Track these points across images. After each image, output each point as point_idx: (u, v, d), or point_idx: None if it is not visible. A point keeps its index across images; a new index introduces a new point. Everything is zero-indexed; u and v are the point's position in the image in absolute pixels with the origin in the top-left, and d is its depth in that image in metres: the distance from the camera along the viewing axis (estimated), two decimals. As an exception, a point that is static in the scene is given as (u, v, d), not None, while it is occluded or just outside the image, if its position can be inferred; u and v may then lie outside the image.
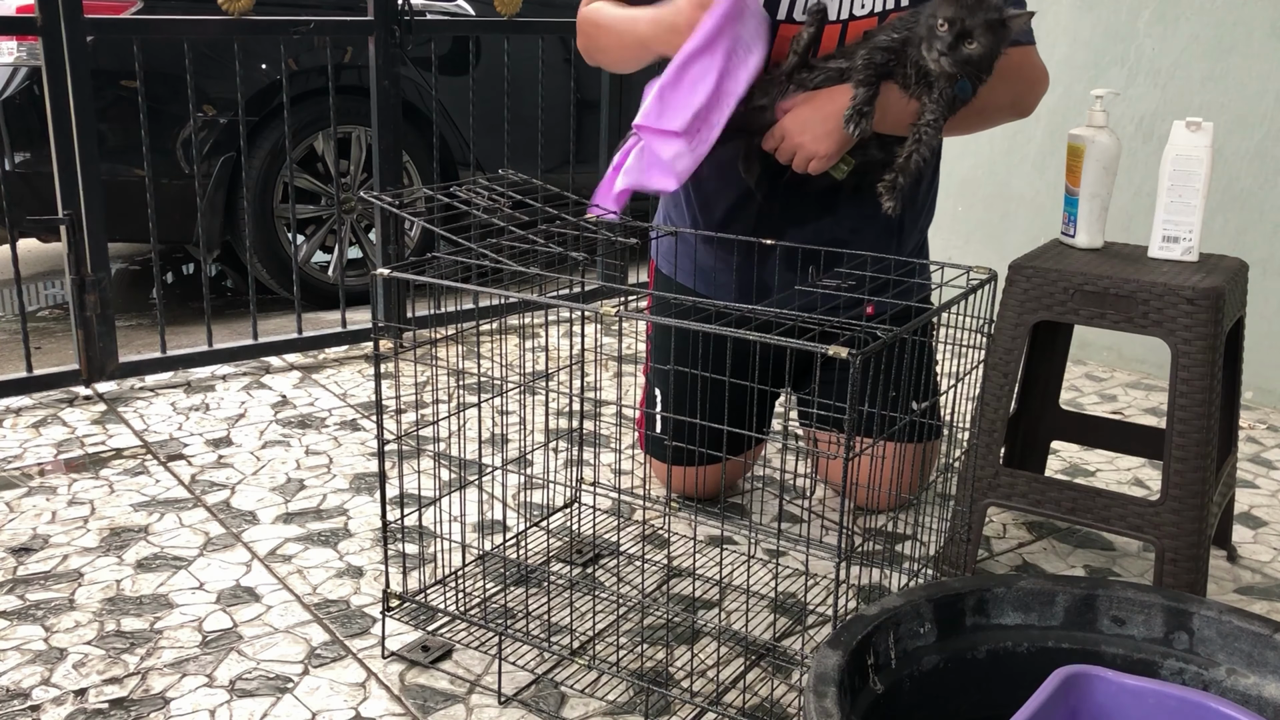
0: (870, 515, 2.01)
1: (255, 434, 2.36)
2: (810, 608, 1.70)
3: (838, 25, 1.73)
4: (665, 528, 1.95)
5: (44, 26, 2.39)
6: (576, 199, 1.70)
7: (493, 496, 2.06)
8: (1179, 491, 1.56)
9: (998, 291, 1.54)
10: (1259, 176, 2.60)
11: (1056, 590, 1.17)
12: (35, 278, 4.11)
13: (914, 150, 1.62)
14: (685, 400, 1.91)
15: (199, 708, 1.44)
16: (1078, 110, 2.87)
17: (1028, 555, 1.91)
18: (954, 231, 3.23)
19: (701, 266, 1.95)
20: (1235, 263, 1.69)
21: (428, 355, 2.61)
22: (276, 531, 1.92)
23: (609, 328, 2.95)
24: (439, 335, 1.73)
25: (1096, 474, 2.23)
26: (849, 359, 1.17)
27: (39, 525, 1.93)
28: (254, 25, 2.67)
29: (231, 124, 3.28)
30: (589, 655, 1.54)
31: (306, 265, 3.56)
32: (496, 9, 3.01)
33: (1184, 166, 1.65)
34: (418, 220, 1.58)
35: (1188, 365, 1.54)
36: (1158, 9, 2.74)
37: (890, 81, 1.63)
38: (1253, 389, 2.60)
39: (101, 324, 2.57)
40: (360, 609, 1.68)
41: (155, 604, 1.69)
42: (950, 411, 1.53)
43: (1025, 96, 1.79)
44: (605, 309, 1.35)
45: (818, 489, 2.14)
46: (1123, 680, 1.03)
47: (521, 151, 3.44)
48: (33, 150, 3.19)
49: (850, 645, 1.04)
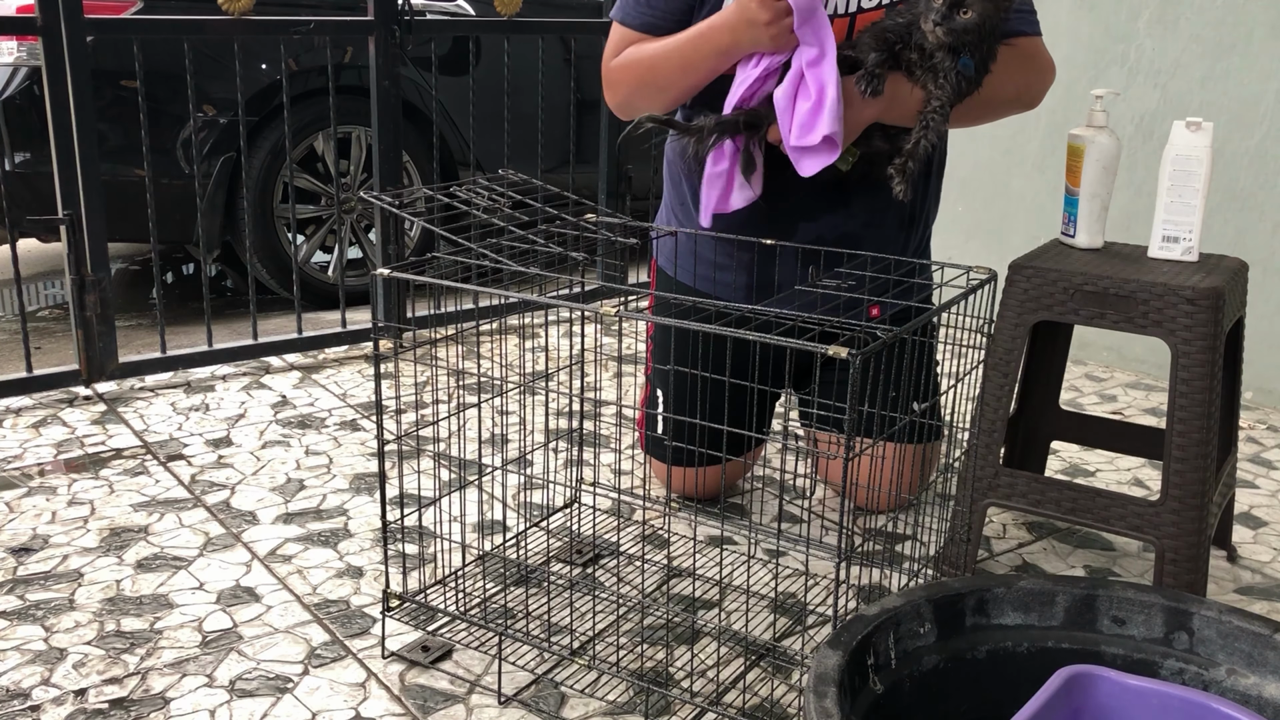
0: (870, 515, 2.01)
1: (255, 434, 2.36)
2: (810, 608, 1.70)
3: (845, 18, 1.73)
4: (665, 528, 1.95)
5: (44, 26, 2.39)
6: (576, 199, 1.70)
7: (493, 496, 2.06)
8: (1179, 491, 1.56)
9: (998, 291, 1.54)
10: (1259, 176, 2.60)
11: (1056, 590, 1.17)
12: (35, 278, 4.11)
13: (922, 136, 1.64)
14: (686, 400, 1.91)
15: (199, 708, 1.44)
16: (1078, 110, 2.87)
17: (1028, 555, 1.91)
18: (954, 231, 3.23)
19: (703, 265, 1.95)
20: (1235, 263, 1.69)
21: (428, 355, 2.61)
22: (276, 531, 1.92)
23: (609, 328, 2.95)
24: (439, 335, 1.73)
25: (1096, 474, 2.23)
26: (849, 359, 1.17)
27: (39, 525, 1.93)
28: (254, 25, 2.66)
29: (231, 124, 3.27)
30: (589, 655, 1.54)
31: (306, 265, 3.56)
32: (496, 9, 3.01)
33: (1184, 166, 1.65)
34: (418, 220, 1.58)
35: (1188, 365, 1.54)
36: (1158, 9, 2.74)
37: (897, 72, 1.64)
38: (1253, 389, 2.60)
39: (101, 324, 2.57)
40: (360, 609, 1.68)
41: (155, 604, 1.69)
42: (950, 412, 1.53)
43: (1033, 86, 1.79)
44: (605, 309, 1.35)
45: (818, 489, 2.13)
46: (1126, 681, 1.03)
47: (521, 151, 3.44)
48: (33, 150, 3.19)
49: (850, 645, 1.04)
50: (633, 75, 1.80)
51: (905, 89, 1.65)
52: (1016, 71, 1.73)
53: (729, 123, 1.69)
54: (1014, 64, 1.71)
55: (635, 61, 1.78)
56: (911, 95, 1.65)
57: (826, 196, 1.83)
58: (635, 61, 1.78)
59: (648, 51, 1.77)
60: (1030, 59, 1.76)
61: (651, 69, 1.77)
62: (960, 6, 1.55)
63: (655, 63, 1.76)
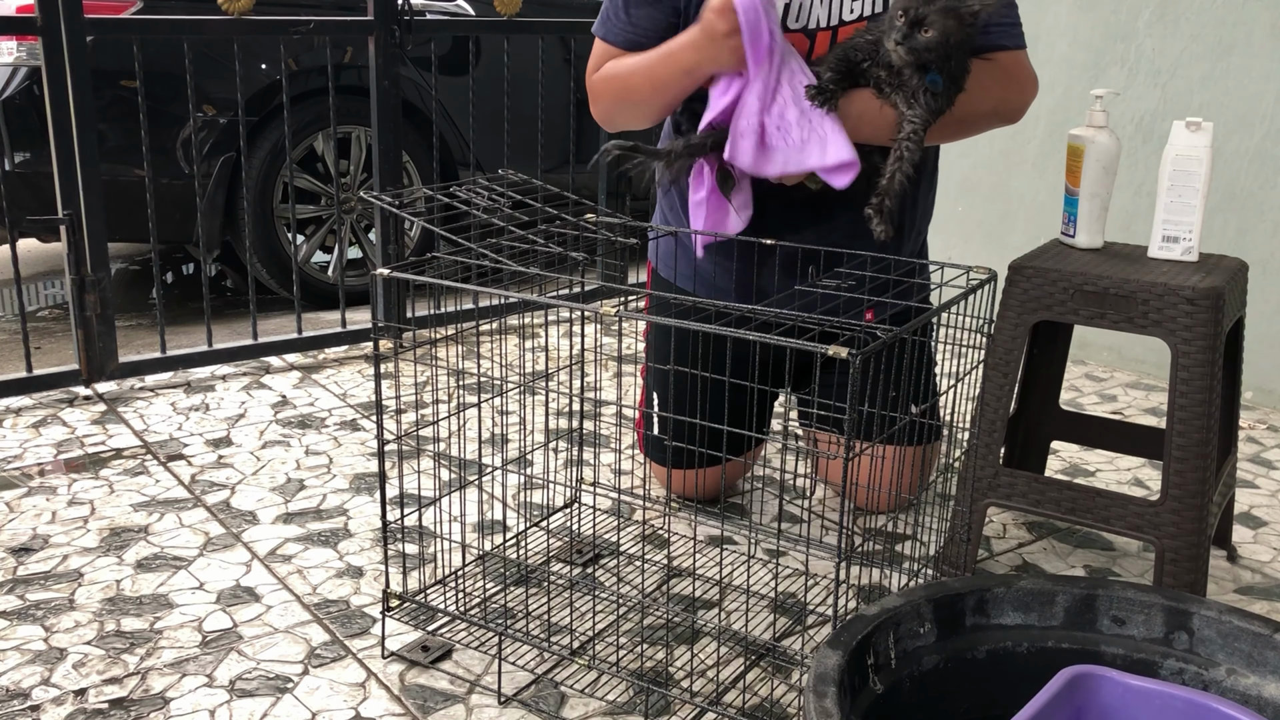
0: (870, 516, 2.01)
1: (255, 434, 2.36)
2: (810, 608, 1.70)
3: (828, 31, 1.73)
4: (665, 528, 1.95)
5: (44, 26, 2.39)
6: (576, 199, 1.70)
7: (493, 496, 2.06)
8: (1179, 491, 1.56)
9: (998, 291, 1.54)
10: (1259, 176, 2.60)
11: (1056, 590, 1.17)
12: (35, 278, 4.11)
13: (896, 169, 1.61)
14: (684, 401, 1.91)
15: (199, 708, 1.44)
16: (1078, 110, 2.87)
17: (1028, 555, 1.91)
18: (954, 231, 3.23)
19: (700, 269, 1.95)
20: (1235, 263, 1.69)
21: (428, 355, 2.61)
22: (276, 531, 1.92)
23: (609, 328, 2.95)
24: (439, 335, 1.73)
25: (1096, 474, 2.23)
26: (849, 359, 1.17)
27: (39, 525, 1.93)
28: (254, 25, 2.66)
29: (231, 124, 3.27)
30: (589, 655, 1.54)
31: (306, 265, 3.56)
32: (496, 9, 3.01)
33: (1184, 166, 1.65)
34: (418, 220, 1.58)
35: (1188, 365, 1.54)
36: (1158, 9, 2.74)
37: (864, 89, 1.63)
38: (1253, 389, 2.60)
39: (101, 324, 2.57)
40: (360, 609, 1.68)
41: (155, 604, 1.69)
42: (950, 412, 1.53)
43: (1011, 101, 1.75)
44: (605, 309, 1.35)
45: (818, 489, 2.14)
46: (1129, 681, 1.03)
47: (521, 151, 3.44)
48: (33, 150, 3.19)
49: (850, 645, 1.04)
50: (611, 90, 1.80)
51: (873, 106, 1.63)
52: (993, 86, 1.70)
53: (697, 145, 1.68)
54: (990, 79, 1.68)
55: (613, 76, 1.79)
56: (881, 113, 1.63)
57: (811, 209, 1.83)
58: (613, 76, 1.79)
59: (624, 69, 1.76)
60: (1008, 73, 1.72)
61: (626, 88, 1.77)
62: (921, 25, 1.53)
63: (629, 81, 1.76)
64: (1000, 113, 1.75)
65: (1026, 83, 1.75)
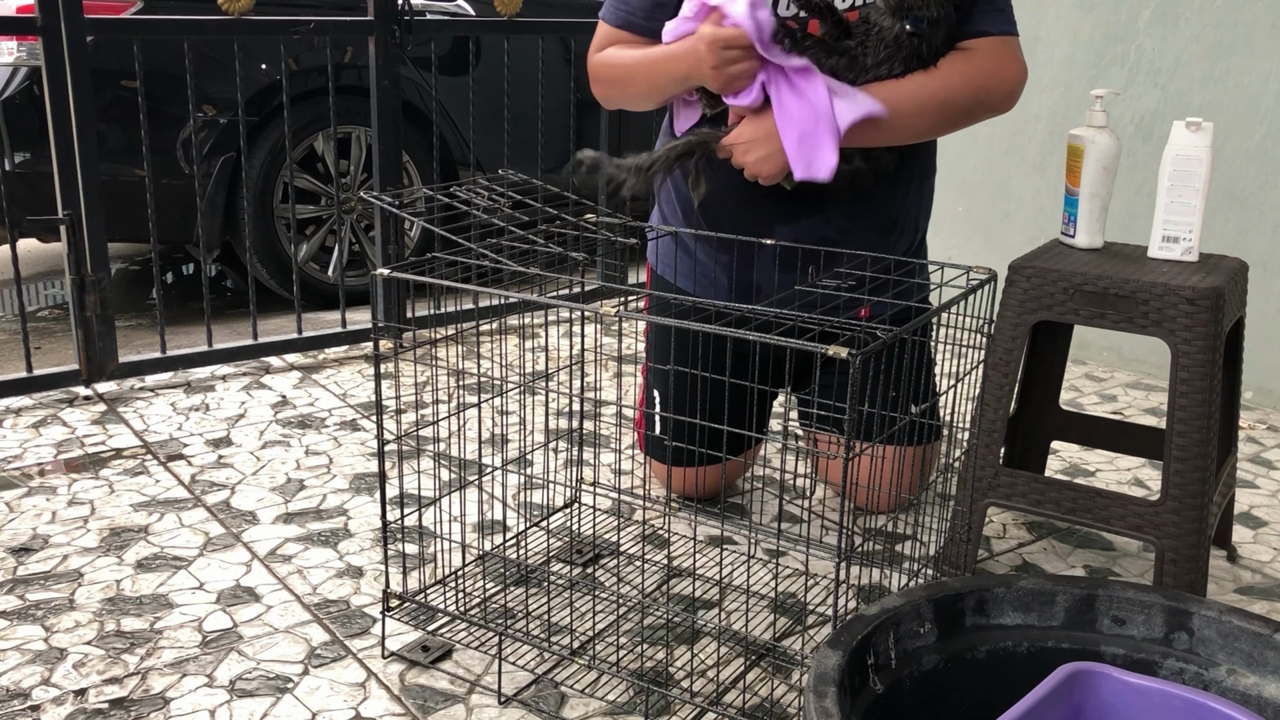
0: (870, 516, 2.01)
1: (255, 434, 2.36)
2: (810, 608, 1.70)
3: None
4: (665, 528, 1.95)
5: (44, 26, 2.39)
6: (576, 199, 1.70)
7: (493, 496, 2.06)
8: (1179, 491, 1.56)
9: (997, 291, 1.54)
10: (1259, 176, 2.60)
11: (1056, 590, 1.17)
12: (35, 278, 4.11)
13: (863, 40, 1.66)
14: (684, 401, 1.91)
15: (199, 708, 1.44)
16: (1078, 110, 2.87)
17: (1028, 555, 1.91)
18: (954, 231, 3.23)
19: (700, 266, 1.95)
20: (1235, 263, 1.69)
21: (428, 355, 2.61)
22: (276, 531, 1.92)
23: (609, 328, 2.95)
24: (439, 335, 1.73)
25: (1096, 474, 2.23)
26: (849, 359, 1.17)
27: (39, 525, 1.93)
28: (254, 25, 2.66)
29: (231, 124, 3.27)
30: (589, 655, 1.54)
31: (306, 265, 3.56)
32: (496, 9, 3.01)
33: (1184, 166, 1.65)
34: (418, 220, 1.58)
35: (1188, 365, 1.54)
36: (1158, 9, 2.74)
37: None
38: (1253, 389, 2.60)
39: (101, 324, 2.57)
40: (360, 609, 1.68)
41: (155, 604, 1.69)
42: (950, 412, 1.52)
43: (994, 86, 1.71)
44: (605, 309, 1.35)
45: (818, 489, 2.13)
46: (1128, 678, 1.03)
47: (521, 151, 3.44)
48: (33, 150, 3.19)
49: (850, 645, 1.04)
50: (609, 78, 1.86)
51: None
52: (976, 68, 1.69)
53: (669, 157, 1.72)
54: (974, 61, 1.68)
55: (613, 65, 1.84)
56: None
57: (803, 201, 1.83)
58: (613, 65, 1.84)
59: (623, 61, 1.82)
60: (992, 57, 1.70)
61: (624, 80, 1.83)
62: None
63: (627, 75, 1.82)
64: (984, 102, 1.72)
65: (1008, 70, 1.71)
